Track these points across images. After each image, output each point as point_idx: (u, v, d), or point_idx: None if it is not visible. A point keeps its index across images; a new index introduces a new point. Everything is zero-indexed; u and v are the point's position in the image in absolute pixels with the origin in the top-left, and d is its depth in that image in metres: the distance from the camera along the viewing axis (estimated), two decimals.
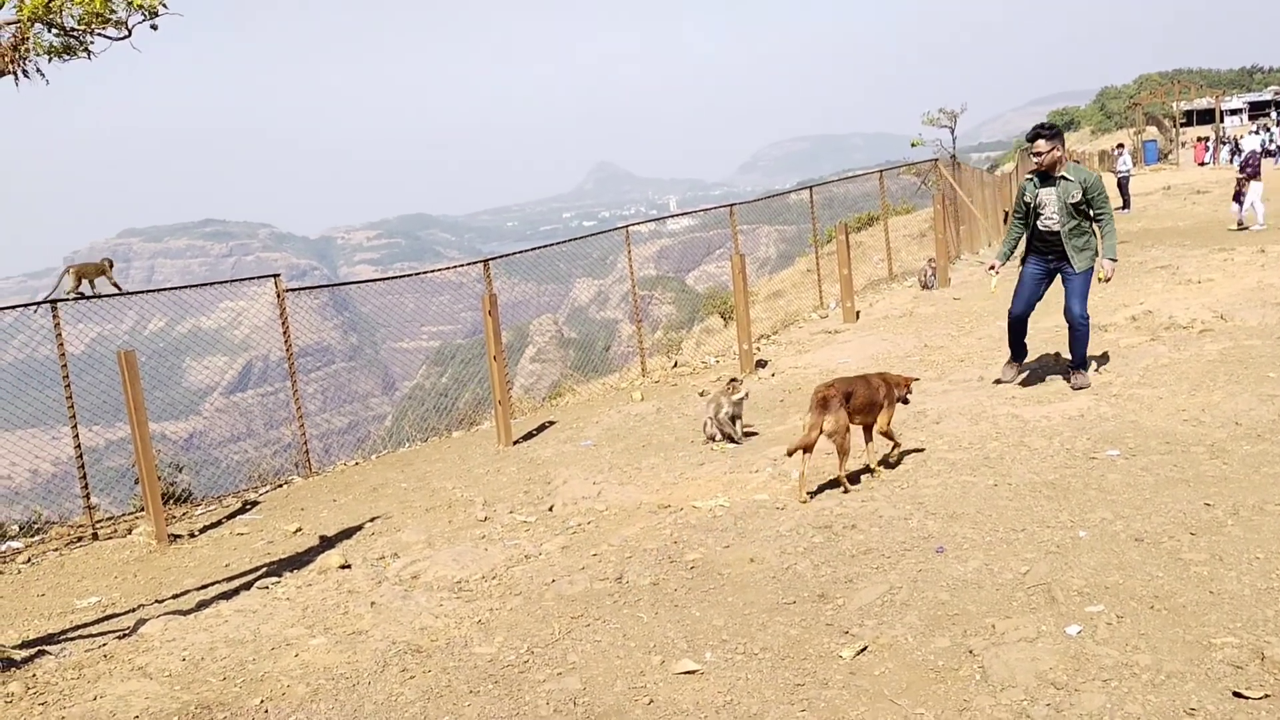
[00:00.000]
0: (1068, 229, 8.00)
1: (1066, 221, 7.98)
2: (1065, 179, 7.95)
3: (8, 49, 8.86)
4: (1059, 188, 7.96)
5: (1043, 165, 7.96)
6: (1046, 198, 8.02)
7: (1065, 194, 7.94)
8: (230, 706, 4.39)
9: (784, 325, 14.30)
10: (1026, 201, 8.14)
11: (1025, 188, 8.18)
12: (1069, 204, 7.93)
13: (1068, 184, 7.94)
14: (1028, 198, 8.12)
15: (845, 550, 5.24)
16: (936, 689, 3.87)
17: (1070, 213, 7.96)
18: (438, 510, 7.62)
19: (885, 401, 6.54)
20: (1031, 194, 8.10)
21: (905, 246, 21.10)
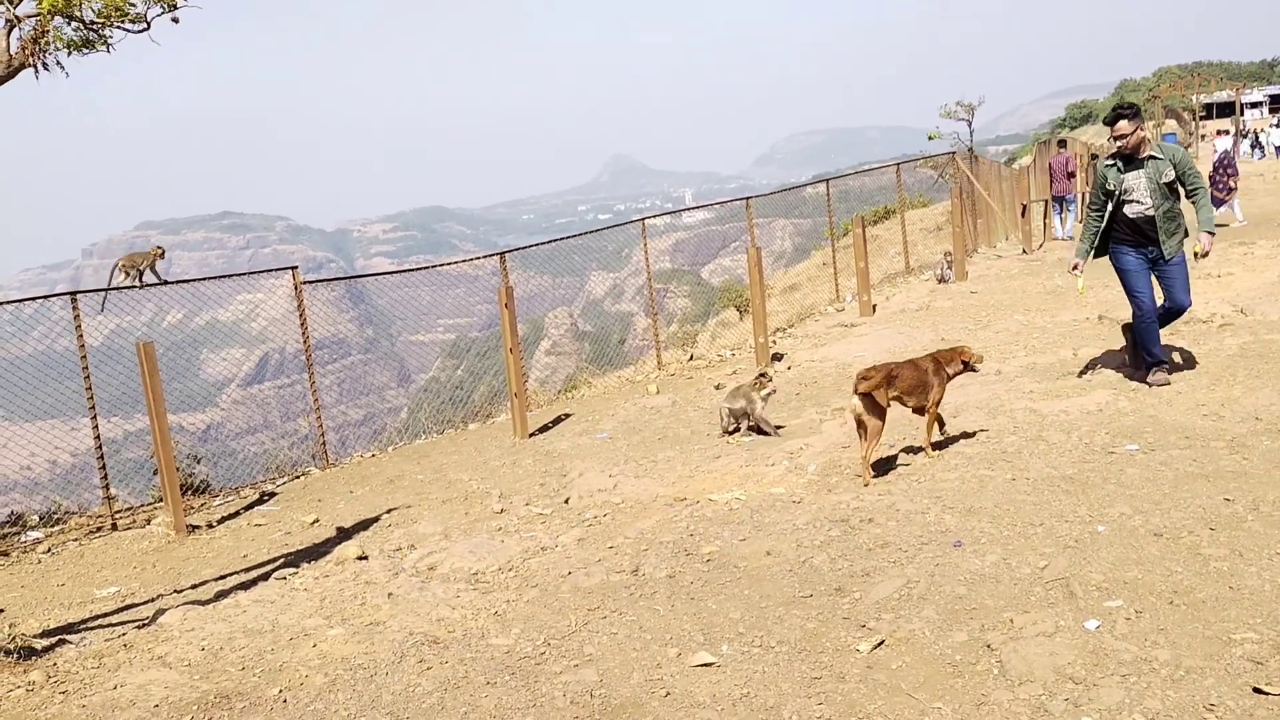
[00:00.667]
0: (1162, 213, 7.35)
1: (1160, 204, 7.34)
2: (1154, 158, 7.36)
3: (28, 42, 8.91)
4: (1148, 169, 7.35)
5: (1128, 147, 7.36)
6: (1134, 182, 7.39)
7: (1157, 174, 7.32)
8: (249, 696, 4.42)
9: (800, 319, 14.27)
10: (1109, 189, 7.49)
11: (1106, 175, 7.52)
12: (1162, 184, 7.31)
13: (1157, 163, 7.34)
14: (1111, 185, 7.48)
15: (862, 544, 5.23)
16: (954, 683, 3.86)
17: (1164, 194, 7.32)
18: (454, 502, 7.65)
19: (935, 381, 6.56)
20: (1115, 180, 7.46)
21: (922, 240, 21.03)
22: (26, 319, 12.77)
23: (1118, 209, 7.51)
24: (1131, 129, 7.34)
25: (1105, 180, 7.54)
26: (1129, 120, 7.35)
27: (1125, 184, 7.43)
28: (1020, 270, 15.20)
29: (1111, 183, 7.48)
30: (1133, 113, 7.42)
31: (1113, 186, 7.48)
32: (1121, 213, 7.50)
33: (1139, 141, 7.38)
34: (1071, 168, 19.14)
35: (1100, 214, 7.62)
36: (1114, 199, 7.49)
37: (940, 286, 14.40)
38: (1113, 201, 7.51)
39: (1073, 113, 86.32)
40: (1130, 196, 7.43)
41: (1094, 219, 7.70)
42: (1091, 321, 10.42)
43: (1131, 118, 7.36)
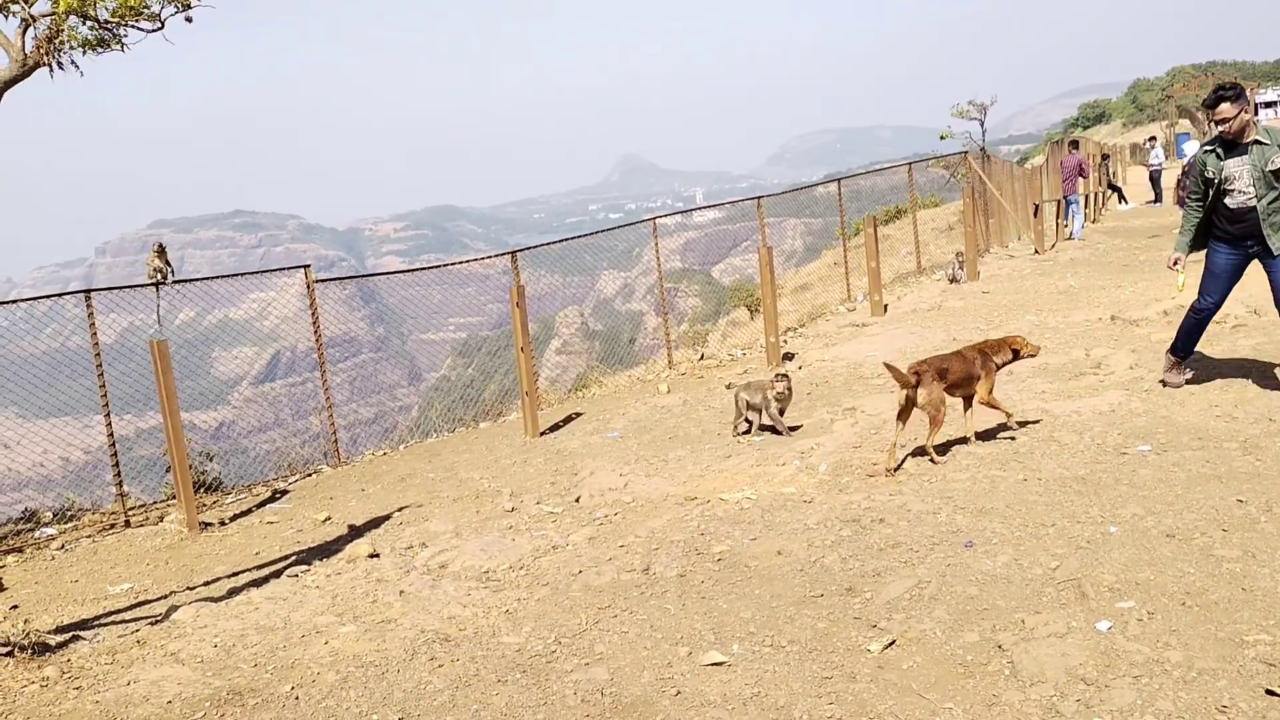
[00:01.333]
0: (1266, 203, 6.74)
1: (1265, 193, 6.74)
2: (1259, 143, 6.73)
3: (43, 41, 8.96)
4: (1252, 155, 6.74)
5: (1230, 131, 6.74)
6: (1236, 170, 6.80)
7: (1263, 160, 6.71)
8: (261, 693, 4.44)
9: (811, 318, 14.26)
10: (1208, 178, 6.92)
11: (1205, 162, 6.96)
12: (1268, 173, 6.70)
13: (1263, 149, 6.71)
14: (1210, 173, 6.90)
15: (873, 544, 5.23)
16: (965, 683, 3.86)
17: (1269, 183, 6.71)
18: (465, 500, 7.66)
19: (983, 373, 6.69)
20: (1215, 168, 6.88)
21: (933, 240, 20.98)
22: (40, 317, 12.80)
23: (1217, 199, 6.95)
24: (1234, 111, 6.69)
25: (1204, 167, 6.98)
26: (1231, 103, 6.70)
27: (1226, 172, 6.84)
28: (1032, 270, 15.16)
29: (1211, 170, 6.91)
30: (1235, 94, 6.76)
31: (1212, 174, 6.90)
32: (1221, 203, 6.94)
33: (1242, 126, 6.74)
34: (1085, 169, 19.08)
35: (1200, 204, 7.07)
36: (1214, 188, 6.93)
37: (952, 286, 14.37)
38: (1213, 190, 6.95)
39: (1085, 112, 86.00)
40: (1231, 185, 6.85)
41: (1193, 210, 7.13)
42: (1104, 322, 10.39)
43: (1234, 99, 6.71)
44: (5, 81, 8.80)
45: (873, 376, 9.43)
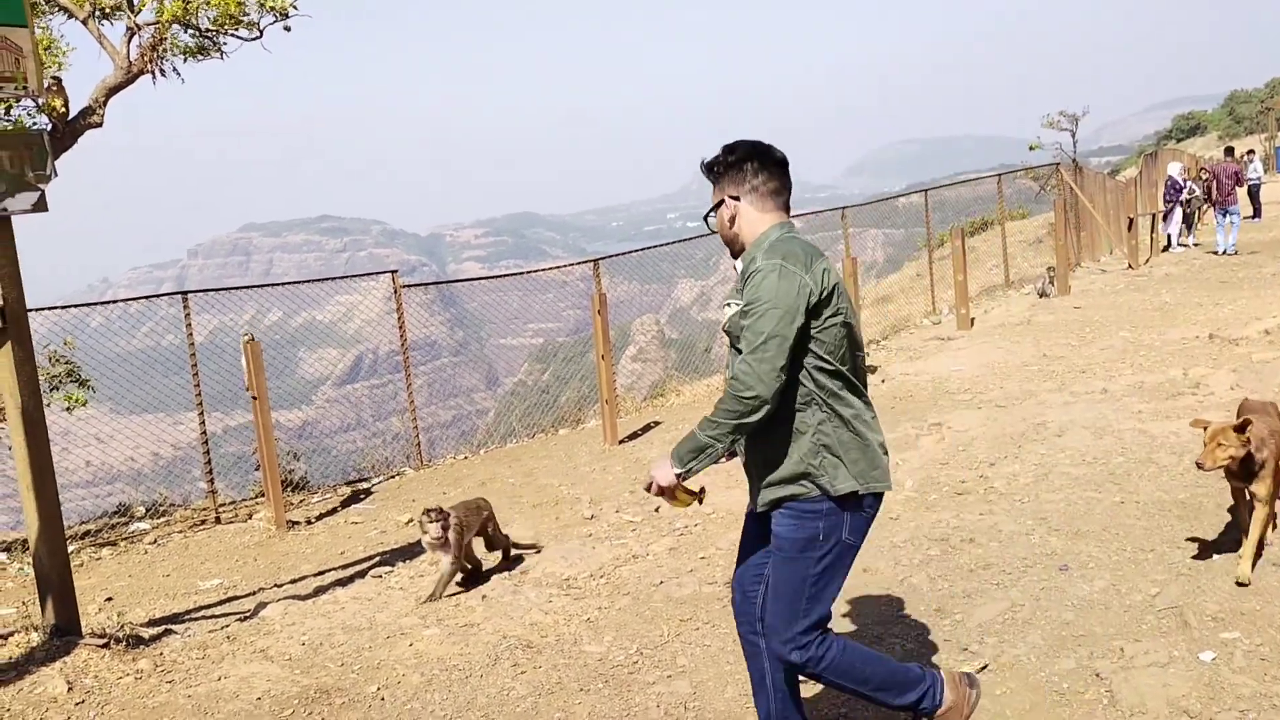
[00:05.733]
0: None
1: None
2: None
3: (147, 49, 9.25)
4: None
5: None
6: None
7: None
8: (348, 692, 4.49)
9: (894, 331, 14.05)
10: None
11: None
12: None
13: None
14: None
15: (963, 564, 5.11)
16: (1061, 712, 3.74)
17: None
18: (545, 507, 7.68)
19: None
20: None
21: (1020, 253, 20.53)
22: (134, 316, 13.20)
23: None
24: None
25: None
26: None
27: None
28: (1126, 286, 14.74)
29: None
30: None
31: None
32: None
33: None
34: (1242, 177, 18.31)
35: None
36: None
37: (1041, 301, 14.03)
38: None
39: (1180, 124, 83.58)
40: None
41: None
42: (1202, 340, 10.04)
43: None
44: (111, 88, 9.11)
45: (959, 392, 9.25)
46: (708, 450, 3.08)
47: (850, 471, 3.13)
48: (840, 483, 3.13)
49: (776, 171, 3.26)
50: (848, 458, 3.13)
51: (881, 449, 3.24)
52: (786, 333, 2.97)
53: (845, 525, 3.18)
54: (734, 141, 3.28)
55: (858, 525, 3.22)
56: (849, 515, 3.17)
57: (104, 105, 8.88)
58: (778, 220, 3.23)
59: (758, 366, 2.96)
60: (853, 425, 3.15)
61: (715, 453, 3.09)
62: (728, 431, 3.04)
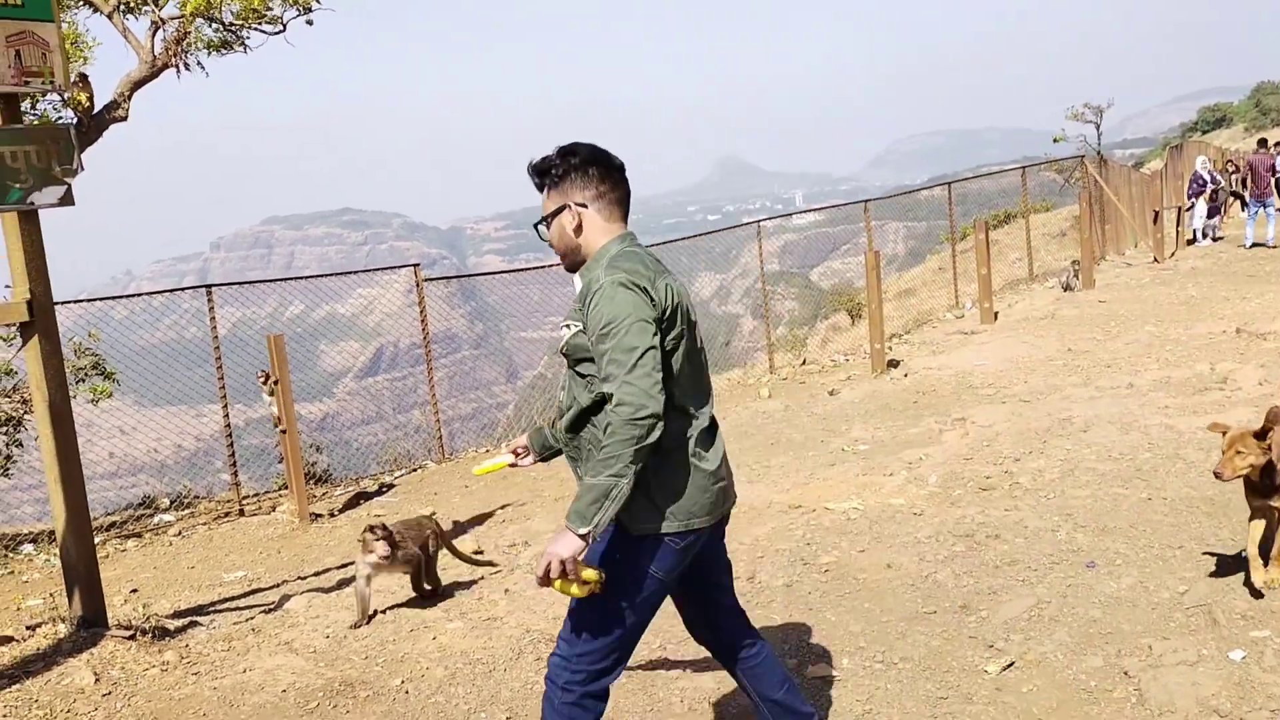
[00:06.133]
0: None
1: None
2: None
3: (171, 43, 9.28)
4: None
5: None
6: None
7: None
8: (372, 685, 4.50)
9: (917, 324, 13.97)
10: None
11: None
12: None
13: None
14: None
15: (988, 561, 5.07)
16: (1088, 710, 3.71)
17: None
18: (567, 500, 7.65)
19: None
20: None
21: (1044, 246, 20.37)
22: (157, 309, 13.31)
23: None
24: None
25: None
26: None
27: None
28: (1151, 279, 14.61)
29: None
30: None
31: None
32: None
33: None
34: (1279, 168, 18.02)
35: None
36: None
37: (1066, 294, 13.93)
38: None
39: (1205, 116, 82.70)
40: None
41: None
42: (1229, 334, 9.94)
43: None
44: (135, 82, 9.16)
45: (983, 386, 9.19)
46: (613, 493, 2.72)
47: (659, 509, 2.87)
48: (641, 524, 2.88)
49: (619, 179, 3.04)
50: (661, 492, 2.87)
51: (712, 478, 2.95)
52: (652, 344, 2.76)
53: (649, 557, 2.92)
54: (571, 144, 3.02)
55: (664, 559, 2.92)
56: (654, 548, 2.91)
57: (129, 99, 8.94)
58: (622, 231, 3.02)
59: (640, 383, 2.72)
60: (677, 457, 2.89)
61: (621, 493, 2.72)
62: (629, 462, 2.72)
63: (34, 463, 9.09)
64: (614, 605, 2.93)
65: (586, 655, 2.96)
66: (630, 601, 2.94)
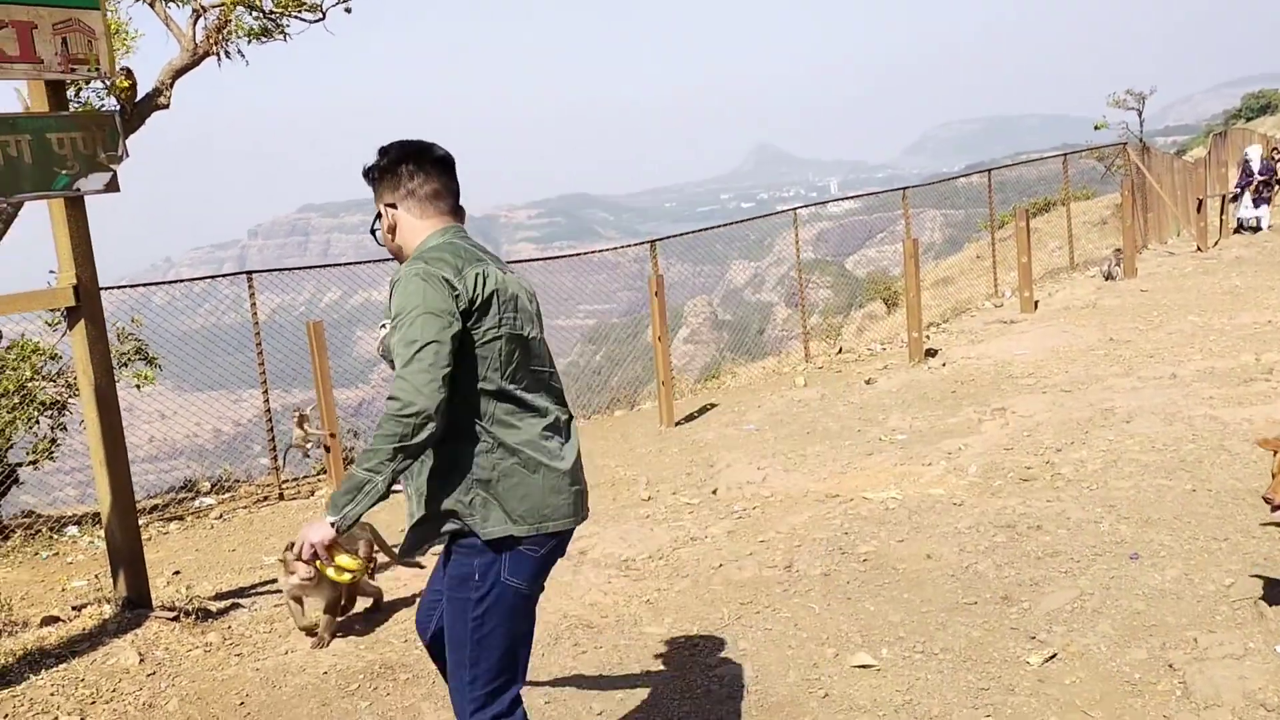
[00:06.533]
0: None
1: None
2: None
3: (212, 31, 9.36)
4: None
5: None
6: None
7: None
8: (412, 669, 4.54)
9: (955, 313, 13.85)
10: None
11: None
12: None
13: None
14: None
15: (1030, 552, 5.02)
16: (1132, 703, 3.67)
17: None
18: (601, 487, 7.69)
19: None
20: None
21: (1084, 234, 20.11)
22: (197, 295, 13.42)
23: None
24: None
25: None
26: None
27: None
28: (1194, 268, 14.37)
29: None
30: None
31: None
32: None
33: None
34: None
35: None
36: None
37: (1107, 284, 13.74)
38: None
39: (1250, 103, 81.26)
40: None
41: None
42: (1274, 324, 9.77)
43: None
44: (177, 70, 9.25)
45: (1023, 376, 9.09)
46: (366, 487, 2.62)
47: (507, 512, 2.75)
48: (490, 527, 2.76)
49: (435, 172, 2.92)
50: (510, 494, 2.76)
51: (568, 479, 2.85)
52: (442, 338, 2.63)
53: (504, 565, 2.78)
54: (387, 144, 2.95)
55: (520, 567, 2.81)
56: (508, 554, 2.79)
57: (170, 87, 9.02)
58: (440, 225, 2.90)
59: (414, 378, 2.60)
60: (522, 454, 2.78)
61: (375, 489, 2.63)
62: (387, 459, 2.61)
63: (76, 446, 9.24)
64: (483, 623, 2.81)
65: (476, 680, 2.83)
66: (497, 616, 2.81)
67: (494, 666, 2.83)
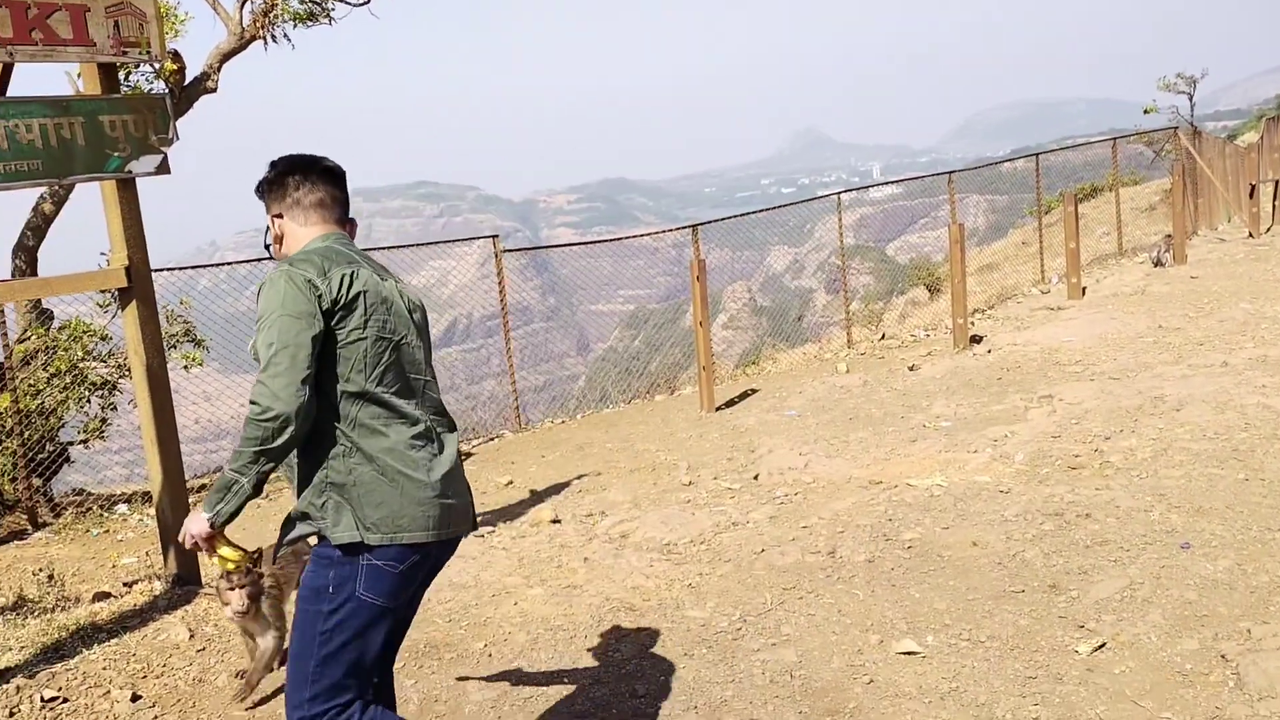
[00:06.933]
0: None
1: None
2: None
3: (259, 14, 9.42)
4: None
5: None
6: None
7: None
8: (456, 648, 4.57)
9: (1000, 300, 13.69)
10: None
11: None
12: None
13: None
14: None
15: (1079, 540, 4.96)
16: (1184, 693, 3.61)
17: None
18: (642, 472, 7.70)
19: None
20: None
21: (1132, 220, 19.79)
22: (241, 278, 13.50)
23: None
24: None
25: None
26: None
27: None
28: (1246, 255, 14.10)
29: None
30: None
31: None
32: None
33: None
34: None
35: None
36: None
37: (1156, 270, 13.52)
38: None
39: None
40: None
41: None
42: None
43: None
44: (225, 54, 9.33)
45: (1070, 363, 8.97)
46: (234, 487, 2.63)
47: (360, 518, 2.67)
48: (340, 531, 2.68)
49: (321, 181, 2.94)
50: (365, 500, 2.68)
51: (432, 490, 2.74)
52: (301, 340, 2.62)
53: (360, 578, 2.70)
54: (276, 158, 2.99)
55: (376, 581, 2.70)
56: (364, 567, 2.70)
57: (218, 71, 9.11)
58: (322, 232, 2.91)
59: (272, 382, 2.59)
60: (381, 461, 2.70)
61: (243, 490, 2.63)
62: (249, 461, 2.61)
63: (124, 427, 9.38)
64: (331, 638, 2.72)
65: (316, 699, 2.72)
66: (348, 632, 2.72)
67: (336, 685, 2.73)
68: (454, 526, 2.84)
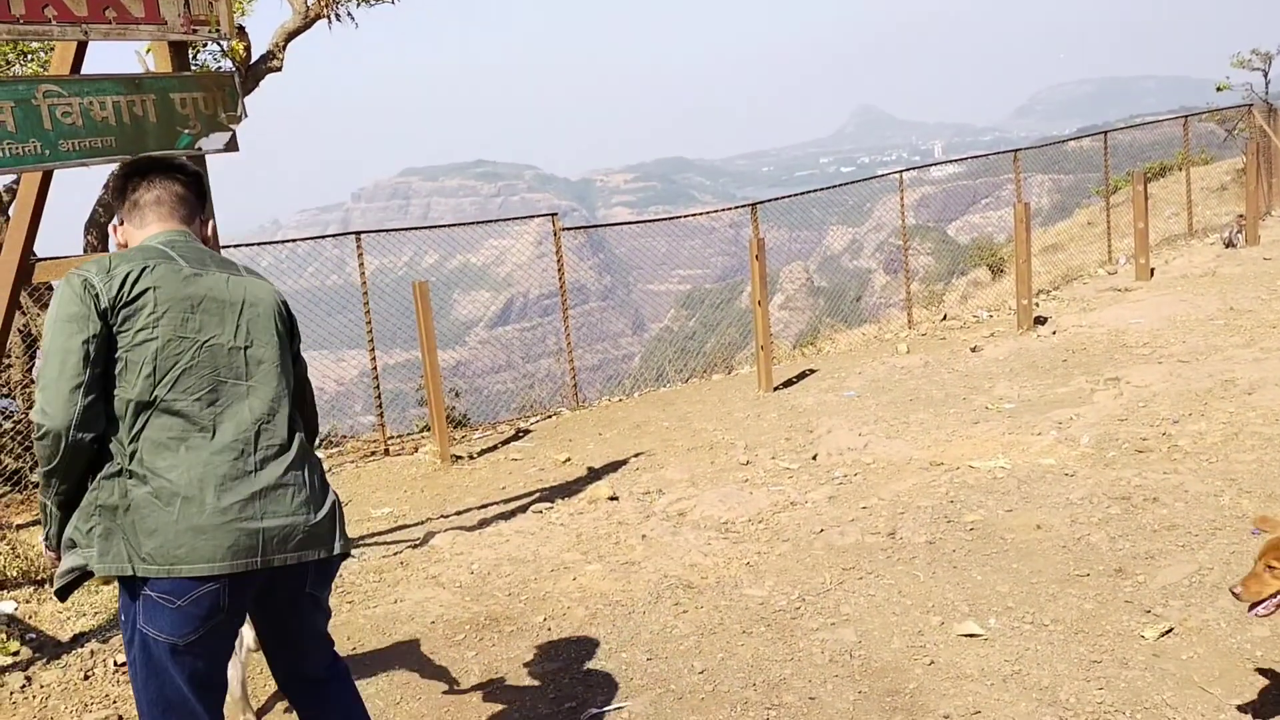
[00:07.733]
0: None
1: None
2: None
3: None
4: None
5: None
6: None
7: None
8: (516, 621, 4.63)
9: (1065, 281, 13.43)
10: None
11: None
12: None
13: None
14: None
15: (1145, 524, 4.87)
16: (1254, 680, 3.54)
17: None
18: (699, 451, 7.70)
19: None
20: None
21: (1203, 200, 19.27)
22: (302, 256, 13.77)
23: None
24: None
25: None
26: None
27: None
28: None
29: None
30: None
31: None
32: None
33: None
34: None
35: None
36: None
37: (1227, 251, 13.17)
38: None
39: None
40: None
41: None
42: None
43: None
44: (290, 32, 9.45)
45: (1138, 345, 8.79)
46: (47, 509, 2.45)
47: (134, 547, 2.37)
48: (109, 562, 2.40)
49: (160, 178, 2.69)
50: (139, 527, 2.37)
51: (222, 515, 2.39)
52: (70, 345, 2.36)
53: (139, 611, 2.43)
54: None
55: (155, 616, 2.41)
56: (142, 599, 2.42)
57: (283, 50, 9.22)
58: (159, 230, 2.65)
59: (42, 395, 2.36)
60: (158, 482, 2.39)
61: (53, 514, 2.45)
62: (45, 485, 2.40)
63: None
64: (134, 671, 2.51)
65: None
66: (142, 669, 2.48)
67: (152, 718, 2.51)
68: (270, 554, 2.45)
